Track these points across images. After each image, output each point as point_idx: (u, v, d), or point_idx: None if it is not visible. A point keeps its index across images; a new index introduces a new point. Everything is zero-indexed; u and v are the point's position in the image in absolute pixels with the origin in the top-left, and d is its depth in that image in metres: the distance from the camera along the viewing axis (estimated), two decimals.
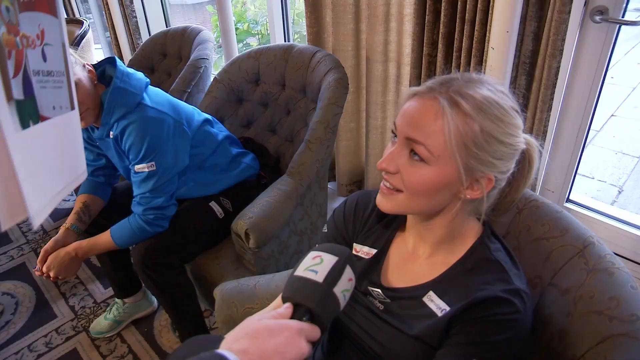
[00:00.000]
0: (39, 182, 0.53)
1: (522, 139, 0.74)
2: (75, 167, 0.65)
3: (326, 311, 0.63)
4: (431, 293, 0.77)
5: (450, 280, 0.77)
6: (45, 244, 1.46)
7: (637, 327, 0.65)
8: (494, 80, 0.74)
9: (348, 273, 0.66)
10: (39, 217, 0.52)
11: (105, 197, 1.61)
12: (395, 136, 0.74)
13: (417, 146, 0.70)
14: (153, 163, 1.33)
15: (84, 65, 1.32)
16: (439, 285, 0.78)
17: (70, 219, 1.51)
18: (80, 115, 1.30)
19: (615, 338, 0.65)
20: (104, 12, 3.51)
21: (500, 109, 0.69)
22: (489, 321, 0.68)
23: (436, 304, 0.76)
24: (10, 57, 0.45)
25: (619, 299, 0.68)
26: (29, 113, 0.50)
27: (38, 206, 0.52)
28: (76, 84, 1.25)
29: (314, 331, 0.60)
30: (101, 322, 1.85)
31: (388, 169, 0.73)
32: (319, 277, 0.64)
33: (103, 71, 1.39)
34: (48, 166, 0.56)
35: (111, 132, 1.36)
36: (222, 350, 0.52)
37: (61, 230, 1.49)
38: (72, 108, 0.62)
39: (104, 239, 1.43)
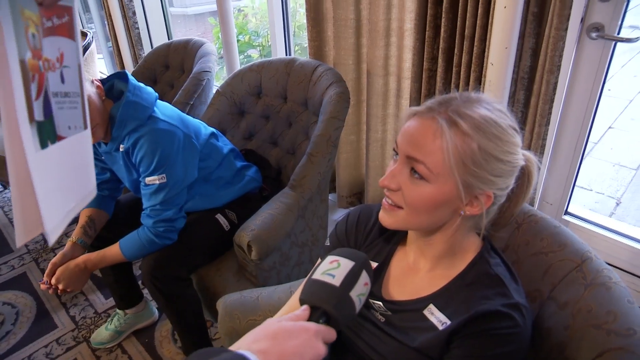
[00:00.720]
0: (55, 200, 0.55)
1: (521, 155, 0.76)
2: (86, 185, 0.67)
3: (342, 314, 0.64)
4: (432, 306, 0.79)
5: (450, 294, 0.79)
6: (46, 254, 1.47)
7: (634, 341, 0.66)
8: (493, 99, 0.76)
9: (364, 278, 0.68)
10: (54, 233, 0.54)
11: (109, 210, 1.62)
12: (397, 154, 0.76)
13: (417, 164, 0.72)
14: (164, 175, 1.34)
15: (92, 81, 1.34)
16: (439, 298, 0.79)
17: (76, 233, 1.52)
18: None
19: (612, 352, 0.67)
20: (106, 23, 3.55)
21: (498, 127, 0.71)
22: (490, 335, 0.70)
23: (437, 317, 0.77)
24: (33, 80, 0.48)
25: (617, 313, 0.70)
26: (47, 133, 0.52)
27: (54, 223, 0.54)
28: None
29: (331, 333, 0.62)
30: (102, 333, 1.85)
31: (390, 187, 0.75)
32: (336, 281, 0.65)
33: (111, 86, 1.41)
34: (62, 184, 0.58)
35: (121, 145, 1.37)
36: (242, 350, 0.54)
37: (68, 244, 1.50)
38: (85, 127, 0.64)
39: (113, 251, 1.44)
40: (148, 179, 1.35)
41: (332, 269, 0.67)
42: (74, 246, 1.49)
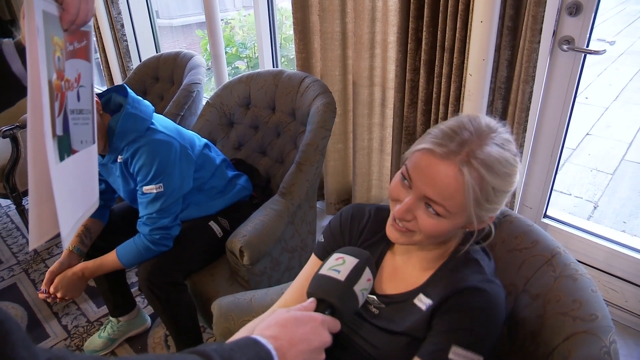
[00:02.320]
0: (68, 209, 0.60)
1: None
2: (91, 195, 0.73)
3: (346, 306, 0.69)
4: (421, 295, 0.85)
5: (435, 281, 0.86)
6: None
7: (596, 325, 0.73)
8: (498, 124, 0.79)
9: (367, 274, 0.73)
10: (68, 239, 0.59)
11: (104, 219, 1.66)
12: (405, 179, 0.79)
13: (435, 205, 0.75)
14: (161, 184, 1.38)
15: None
16: (426, 287, 0.86)
17: (73, 242, 1.54)
18: None
19: (577, 335, 0.74)
20: (94, 35, 3.58)
21: (508, 165, 0.75)
22: (465, 309, 0.77)
23: (423, 302, 0.84)
24: (57, 99, 0.53)
25: (581, 301, 0.77)
26: (64, 147, 0.57)
27: (68, 229, 0.59)
28: None
29: (335, 324, 0.67)
30: (95, 341, 1.87)
31: (405, 218, 0.79)
32: (341, 276, 0.71)
33: (108, 100, 1.45)
34: (74, 194, 0.63)
35: (120, 157, 1.41)
36: (255, 335, 0.58)
37: (65, 252, 1.52)
38: (94, 142, 0.70)
39: (110, 259, 1.47)
40: (146, 188, 1.39)
41: (338, 265, 0.73)
42: (70, 254, 1.52)
